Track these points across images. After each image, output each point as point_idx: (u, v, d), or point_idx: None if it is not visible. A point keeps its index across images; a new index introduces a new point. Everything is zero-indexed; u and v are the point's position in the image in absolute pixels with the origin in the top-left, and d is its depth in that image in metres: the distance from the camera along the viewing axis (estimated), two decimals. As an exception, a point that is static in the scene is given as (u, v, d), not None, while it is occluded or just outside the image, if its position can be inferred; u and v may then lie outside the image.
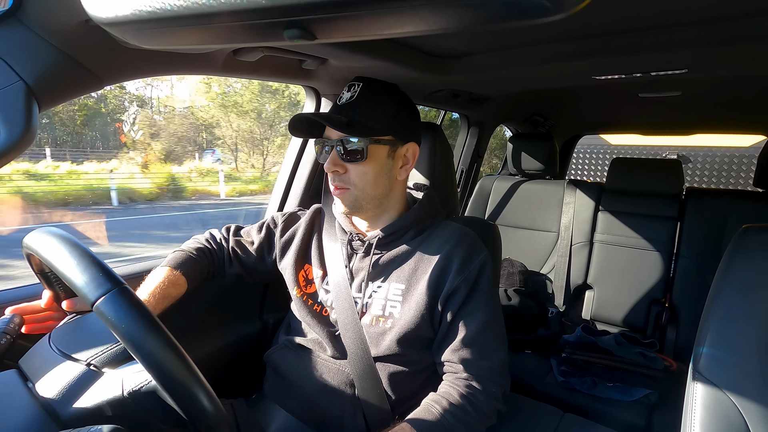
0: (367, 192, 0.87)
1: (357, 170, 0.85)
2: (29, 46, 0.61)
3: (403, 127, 0.88)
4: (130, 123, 11.45)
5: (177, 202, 10.59)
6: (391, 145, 0.87)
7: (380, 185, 0.88)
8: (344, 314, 0.89)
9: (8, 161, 0.60)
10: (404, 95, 0.91)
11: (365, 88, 0.86)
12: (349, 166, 0.85)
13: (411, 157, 0.91)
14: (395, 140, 0.87)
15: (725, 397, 0.67)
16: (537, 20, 0.36)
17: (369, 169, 0.85)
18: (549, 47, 0.95)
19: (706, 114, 2.02)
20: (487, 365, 0.83)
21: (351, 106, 0.85)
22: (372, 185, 0.87)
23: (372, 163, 0.85)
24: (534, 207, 2.09)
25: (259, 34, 0.46)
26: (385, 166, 0.87)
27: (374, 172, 0.86)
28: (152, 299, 0.83)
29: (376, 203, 0.90)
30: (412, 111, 0.92)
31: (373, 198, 0.88)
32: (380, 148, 0.86)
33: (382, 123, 0.85)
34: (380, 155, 0.86)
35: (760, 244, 0.73)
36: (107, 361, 0.65)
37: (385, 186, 0.89)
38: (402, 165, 0.90)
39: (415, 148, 0.92)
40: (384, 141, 0.86)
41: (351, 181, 0.86)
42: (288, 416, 0.91)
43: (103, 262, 0.58)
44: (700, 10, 0.72)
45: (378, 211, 0.92)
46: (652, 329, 1.73)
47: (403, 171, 0.91)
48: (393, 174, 0.89)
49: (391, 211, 0.93)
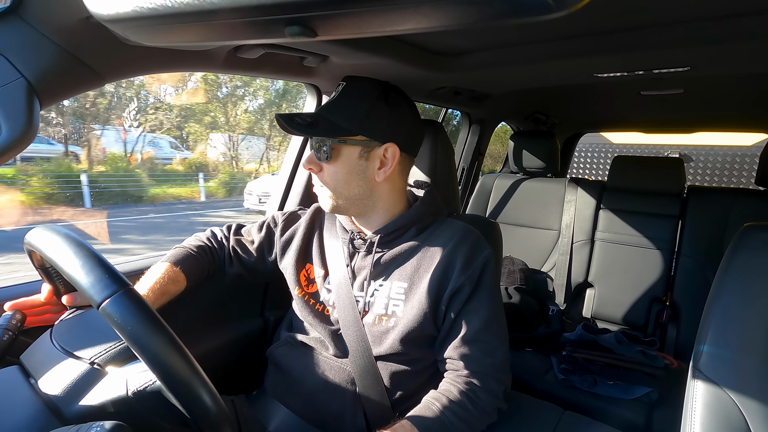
0: (340, 192, 0.85)
1: (328, 170, 0.85)
2: (30, 43, 0.61)
3: (378, 126, 0.84)
4: (131, 119, 11.40)
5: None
6: (363, 145, 0.83)
7: (354, 186, 0.85)
8: (345, 313, 0.89)
9: (10, 158, 0.60)
10: (390, 93, 0.86)
11: (346, 87, 0.85)
12: (324, 166, 0.85)
13: (390, 159, 0.85)
14: (369, 141, 0.83)
15: (726, 396, 0.67)
16: (539, 17, 0.35)
17: (339, 169, 0.84)
18: (551, 45, 0.95)
19: (708, 112, 2.01)
20: (489, 362, 0.83)
21: (328, 106, 0.85)
22: (344, 186, 0.85)
23: (341, 164, 0.84)
24: (535, 205, 2.09)
25: (261, 30, 0.46)
26: (356, 166, 0.84)
27: (344, 172, 0.84)
28: (151, 294, 0.83)
29: (356, 204, 0.88)
30: (397, 110, 0.86)
31: (347, 198, 0.86)
32: (349, 149, 0.83)
33: (351, 122, 0.82)
34: (350, 156, 0.84)
35: (761, 243, 0.73)
36: (110, 360, 0.66)
37: (360, 187, 0.86)
38: (380, 166, 0.85)
39: (395, 149, 0.85)
40: (353, 141, 0.83)
41: (324, 181, 0.86)
42: (289, 413, 0.91)
43: (108, 262, 0.58)
44: (703, 8, 0.72)
45: (363, 213, 0.90)
46: (653, 327, 1.73)
47: (381, 173, 0.86)
48: (369, 175, 0.85)
49: (382, 212, 0.91)
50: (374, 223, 0.92)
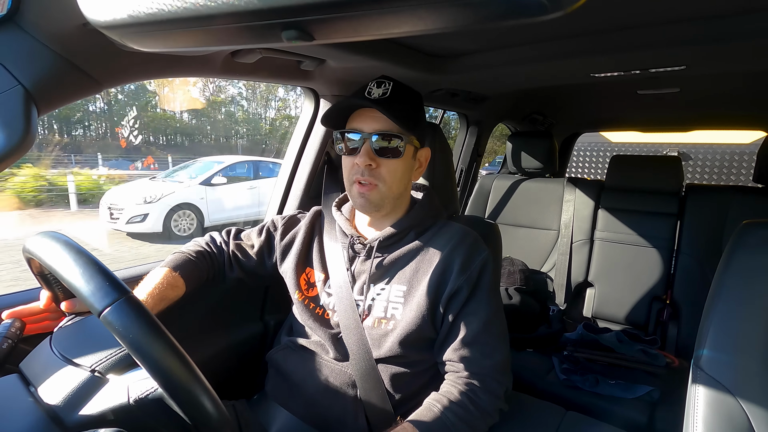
0: (393, 189, 0.87)
1: (389, 166, 0.84)
2: (27, 50, 0.61)
3: (422, 131, 0.91)
4: (129, 127, 11.37)
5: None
6: (416, 146, 0.89)
7: (403, 184, 0.89)
8: (346, 317, 0.89)
9: (8, 165, 0.60)
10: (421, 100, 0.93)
11: (396, 86, 0.85)
12: (383, 161, 0.84)
13: (424, 162, 0.93)
14: (418, 142, 0.89)
15: (728, 394, 0.67)
16: (535, 19, 0.36)
17: (399, 167, 0.86)
18: (547, 45, 0.95)
19: (706, 110, 2.02)
20: (489, 364, 0.83)
21: (387, 103, 0.82)
22: (398, 183, 0.87)
23: (403, 161, 0.86)
24: (534, 205, 2.09)
25: (258, 35, 0.46)
26: (410, 165, 0.89)
27: (402, 170, 0.87)
28: (150, 300, 0.83)
29: (393, 202, 0.90)
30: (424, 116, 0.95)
31: (394, 196, 0.89)
32: (410, 148, 0.87)
33: (414, 124, 0.86)
34: (409, 154, 0.88)
35: (760, 240, 0.73)
36: (111, 368, 0.65)
37: (404, 185, 0.90)
38: (418, 167, 0.92)
39: (428, 153, 0.94)
40: (413, 141, 0.87)
41: (381, 177, 0.85)
42: (290, 416, 0.91)
43: (108, 269, 0.58)
44: (698, 7, 0.72)
45: (389, 211, 0.92)
46: (654, 326, 1.73)
47: (418, 173, 0.93)
48: (411, 175, 0.91)
49: (398, 211, 0.93)
50: (383, 225, 0.93)
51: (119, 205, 6.24)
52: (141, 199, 6.35)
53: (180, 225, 6.51)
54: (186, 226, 6.59)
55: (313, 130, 1.32)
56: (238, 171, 7.78)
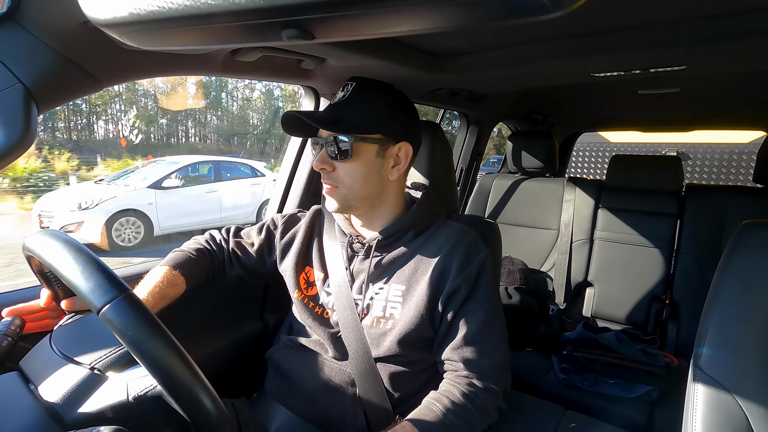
0: (356, 191, 0.86)
1: (345, 168, 0.85)
2: (27, 48, 0.61)
3: (393, 125, 0.87)
4: (129, 127, 11.34)
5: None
6: (380, 144, 0.86)
7: (370, 184, 0.87)
8: (345, 316, 0.89)
9: (8, 163, 0.60)
10: (399, 94, 0.90)
11: (358, 86, 0.86)
12: (338, 164, 0.85)
13: (404, 157, 0.89)
14: (385, 139, 0.86)
15: (727, 394, 0.67)
16: (535, 18, 0.36)
17: (357, 168, 0.85)
18: (547, 45, 0.95)
19: (706, 110, 2.02)
20: (488, 363, 0.83)
21: (342, 105, 0.85)
22: (361, 184, 0.86)
23: (359, 162, 0.85)
24: (534, 205, 2.09)
25: (258, 34, 0.46)
26: (374, 165, 0.86)
27: (363, 170, 0.85)
28: (150, 298, 0.83)
29: (368, 203, 0.89)
30: (407, 110, 0.91)
31: (362, 197, 0.87)
32: (368, 147, 0.85)
33: (371, 121, 0.84)
34: (368, 154, 0.85)
35: (760, 240, 0.73)
36: (110, 365, 0.65)
37: (375, 185, 0.88)
38: (394, 165, 0.88)
39: (408, 148, 0.89)
40: (372, 140, 0.85)
41: (339, 180, 0.86)
42: (290, 414, 0.91)
43: (108, 267, 0.58)
44: (698, 7, 0.72)
45: (371, 211, 0.91)
46: (653, 326, 1.73)
47: (395, 171, 0.89)
48: (383, 173, 0.88)
49: (387, 211, 0.92)
50: (376, 225, 0.92)
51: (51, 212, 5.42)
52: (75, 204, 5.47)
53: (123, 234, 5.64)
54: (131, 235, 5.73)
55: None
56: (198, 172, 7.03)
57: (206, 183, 6.86)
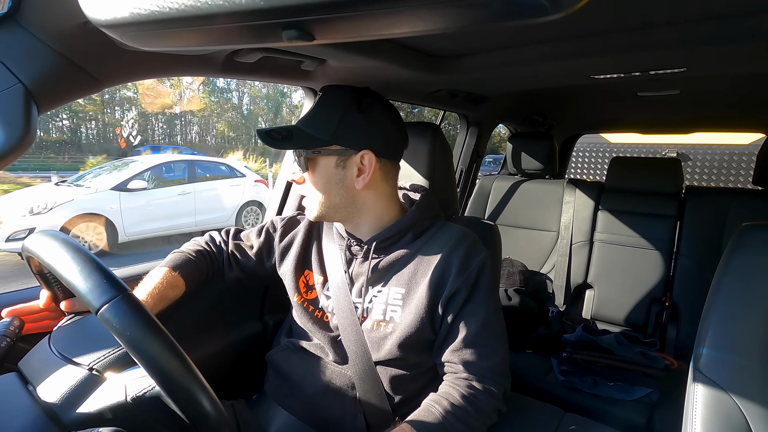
0: (321, 201, 0.86)
1: (308, 179, 0.86)
2: (28, 48, 0.61)
3: (352, 134, 0.83)
4: (129, 128, 11.32)
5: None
6: (339, 154, 0.83)
7: (334, 195, 0.85)
8: (345, 320, 0.89)
9: (7, 164, 0.60)
10: (362, 100, 0.84)
11: (321, 97, 0.86)
12: (305, 176, 0.87)
13: (368, 166, 0.84)
14: (344, 149, 0.83)
15: (726, 396, 0.67)
16: (535, 19, 0.36)
17: (317, 180, 0.85)
18: (547, 47, 0.95)
19: (705, 112, 2.02)
20: (488, 365, 0.83)
21: (304, 118, 0.87)
22: (324, 195, 0.85)
23: (318, 174, 0.85)
24: (534, 206, 2.09)
25: (258, 35, 0.46)
26: (334, 176, 0.84)
27: (322, 182, 0.85)
28: (150, 300, 0.83)
29: (342, 212, 0.88)
30: (370, 116, 0.85)
31: (331, 207, 0.86)
32: (325, 159, 0.84)
33: (325, 132, 0.82)
34: (326, 166, 0.84)
35: (759, 242, 0.73)
36: (109, 366, 0.65)
37: (341, 196, 0.85)
38: (359, 174, 0.85)
39: (371, 156, 0.84)
40: (328, 151, 0.83)
41: (305, 190, 0.88)
42: (289, 416, 0.91)
43: (107, 267, 0.58)
44: (698, 8, 0.72)
45: (353, 219, 0.90)
46: (653, 328, 1.73)
47: (360, 180, 0.85)
48: (347, 183, 0.85)
49: (373, 217, 0.90)
50: (364, 230, 0.91)
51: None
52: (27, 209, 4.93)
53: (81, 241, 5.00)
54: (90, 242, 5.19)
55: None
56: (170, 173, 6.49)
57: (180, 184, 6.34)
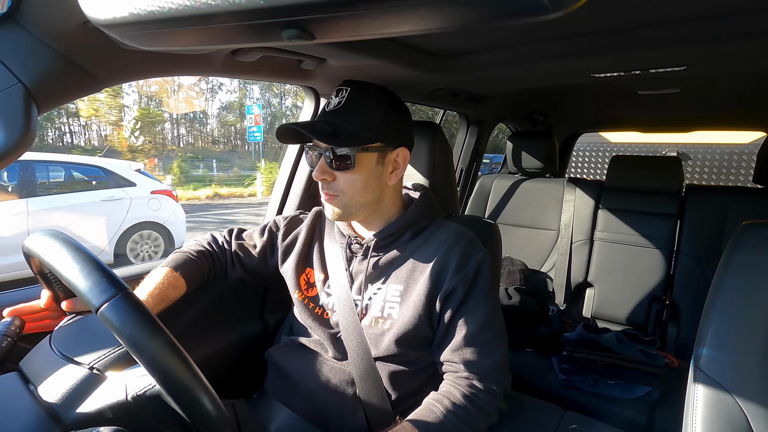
0: (356, 199, 0.86)
1: (345, 178, 0.84)
2: (27, 48, 0.61)
3: (392, 132, 0.86)
4: (129, 128, 11.29)
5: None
6: (380, 151, 0.85)
7: (369, 192, 0.86)
8: (345, 317, 0.89)
9: (8, 163, 0.60)
10: (394, 98, 0.88)
11: (353, 93, 0.84)
12: (338, 174, 0.84)
13: (401, 162, 0.89)
14: (384, 146, 0.85)
15: (727, 394, 0.67)
16: (535, 18, 0.36)
17: (358, 177, 0.84)
18: (547, 45, 0.95)
19: (706, 111, 2.02)
20: (488, 364, 0.83)
21: (339, 113, 0.83)
22: (361, 192, 0.85)
23: (360, 171, 0.84)
24: (534, 205, 2.09)
25: (258, 34, 0.46)
26: (374, 172, 0.85)
27: (363, 179, 0.84)
28: (150, 300, 0.83)
29: (367, 209, 0.88)
30: (402, 114, 0.89)
31: (362, 204, 0.87)
32: (369, 156, 0.84)
33: (371, 130, 0.83)
34: (369, 162, 0.84)
35: (760, 241, 0.73)
36: (110, 365, 0.65)
37: (374, 192, 0.87)
38: (392, 170, 0.88)
39: (406, 153, 0.89)
40: (372, 148, 0.84)
41: (339, 189, 0.85)
42: (290, 413, 0.91)
43: (106, 266, 0.58)
44: (698, 7, 0.72)
45: (370, 216, 0.91)
46: (653, 327, 1.73)
47: (393, 176, 0.88)
48: (383, 180, 0.88)
49: (385, 214, 0.92)
50: (375, 226, 0.92)
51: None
52: None
53: None
54: None
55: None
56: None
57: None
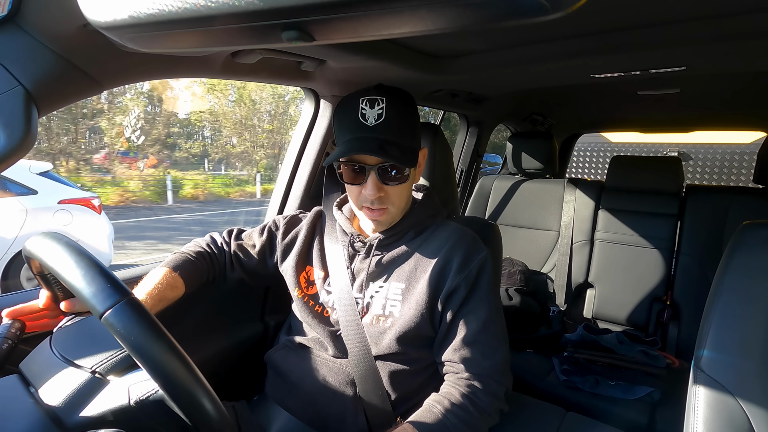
0: (401, 207, 0.90)
1: (395, 191, 0.86)
2: (28, 50, 0.61)
3: (421, 135, 0.91)
4: (131, 128, 11.24)
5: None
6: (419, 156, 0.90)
7: (408, 196, 0.92)
8: (346, 314, 0.89)
9: (9, 166, 0.60)
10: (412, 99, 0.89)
11: (390, 104, 0.80)
12: (389, 188, 0.85)
13: (423, 160, 0.93)
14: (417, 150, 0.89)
15: (728, 395, 0.66)
16: (535, 19, 0.36)
17: (405, 186, 0.87)
18: (547, 46, 0.95)
19: (706, 111, 2.02)
20: (489, 364, 0.83)
21: (385, 127, 0.80)
22: (405, 200, 0.90)
23: (410, 181, 0.88)
24: (534, 206, 2.09)
25: (258, 36, 0.46)
26: (413, 177, 0.90)
27: (408, 187, 0.89)
28: (149, 300, 0.83)
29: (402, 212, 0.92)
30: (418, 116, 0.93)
31: (403, 210, 0.91)
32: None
33: (416, 140, 0.87)
34: (413, 171, 0.88)
35: (760, 240, 0.73)
36: (112, 369, 0.65)
37: (409, 196, 0.93)
38: (418, 170, 0.92)
39: (425, 151, 0.94)
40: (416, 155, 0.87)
41: (390, 201, 0.86)
42: (289, 417, 0.90)
43: (109, 271, 0.58)
44: (698, 7, 0.72)
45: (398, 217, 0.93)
46: (654, 327, 1.73)
47: (418, 175, 0.93)
48: (413, 181, 0.93)
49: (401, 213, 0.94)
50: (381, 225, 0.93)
51: None
52: None
53: None
54: None
55: (313, 131, 1.32)
56: None
57: None
